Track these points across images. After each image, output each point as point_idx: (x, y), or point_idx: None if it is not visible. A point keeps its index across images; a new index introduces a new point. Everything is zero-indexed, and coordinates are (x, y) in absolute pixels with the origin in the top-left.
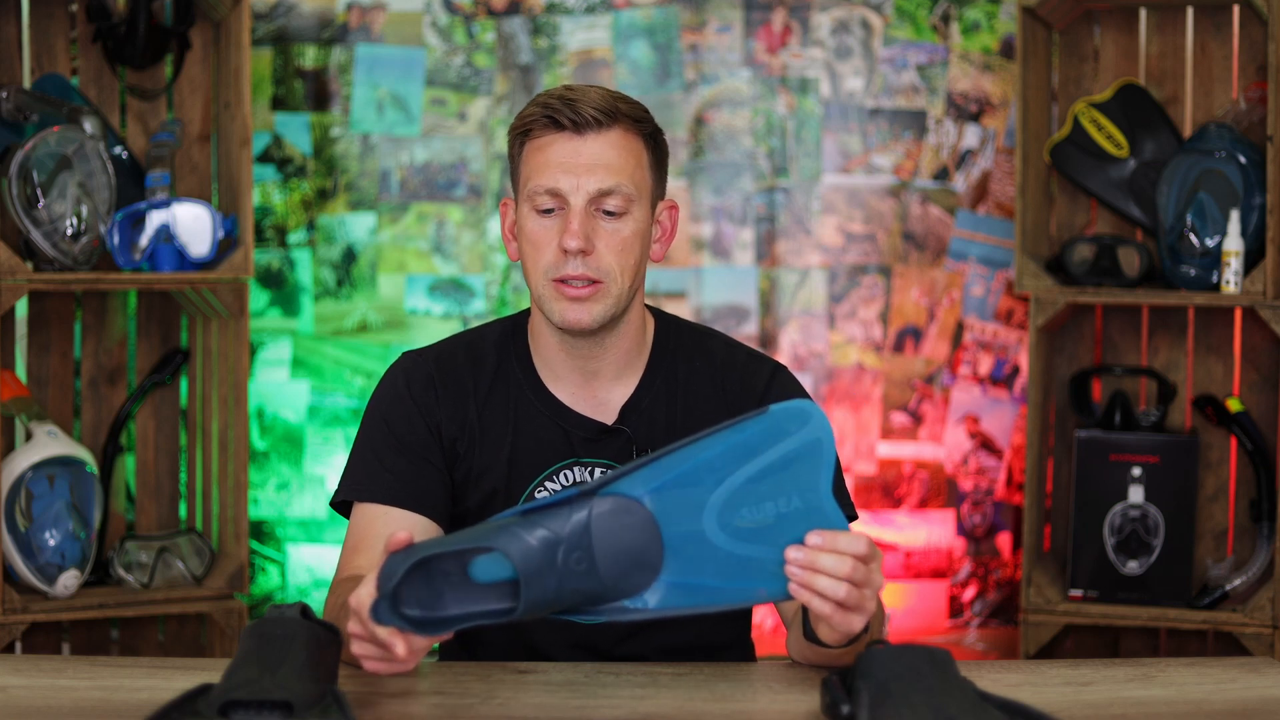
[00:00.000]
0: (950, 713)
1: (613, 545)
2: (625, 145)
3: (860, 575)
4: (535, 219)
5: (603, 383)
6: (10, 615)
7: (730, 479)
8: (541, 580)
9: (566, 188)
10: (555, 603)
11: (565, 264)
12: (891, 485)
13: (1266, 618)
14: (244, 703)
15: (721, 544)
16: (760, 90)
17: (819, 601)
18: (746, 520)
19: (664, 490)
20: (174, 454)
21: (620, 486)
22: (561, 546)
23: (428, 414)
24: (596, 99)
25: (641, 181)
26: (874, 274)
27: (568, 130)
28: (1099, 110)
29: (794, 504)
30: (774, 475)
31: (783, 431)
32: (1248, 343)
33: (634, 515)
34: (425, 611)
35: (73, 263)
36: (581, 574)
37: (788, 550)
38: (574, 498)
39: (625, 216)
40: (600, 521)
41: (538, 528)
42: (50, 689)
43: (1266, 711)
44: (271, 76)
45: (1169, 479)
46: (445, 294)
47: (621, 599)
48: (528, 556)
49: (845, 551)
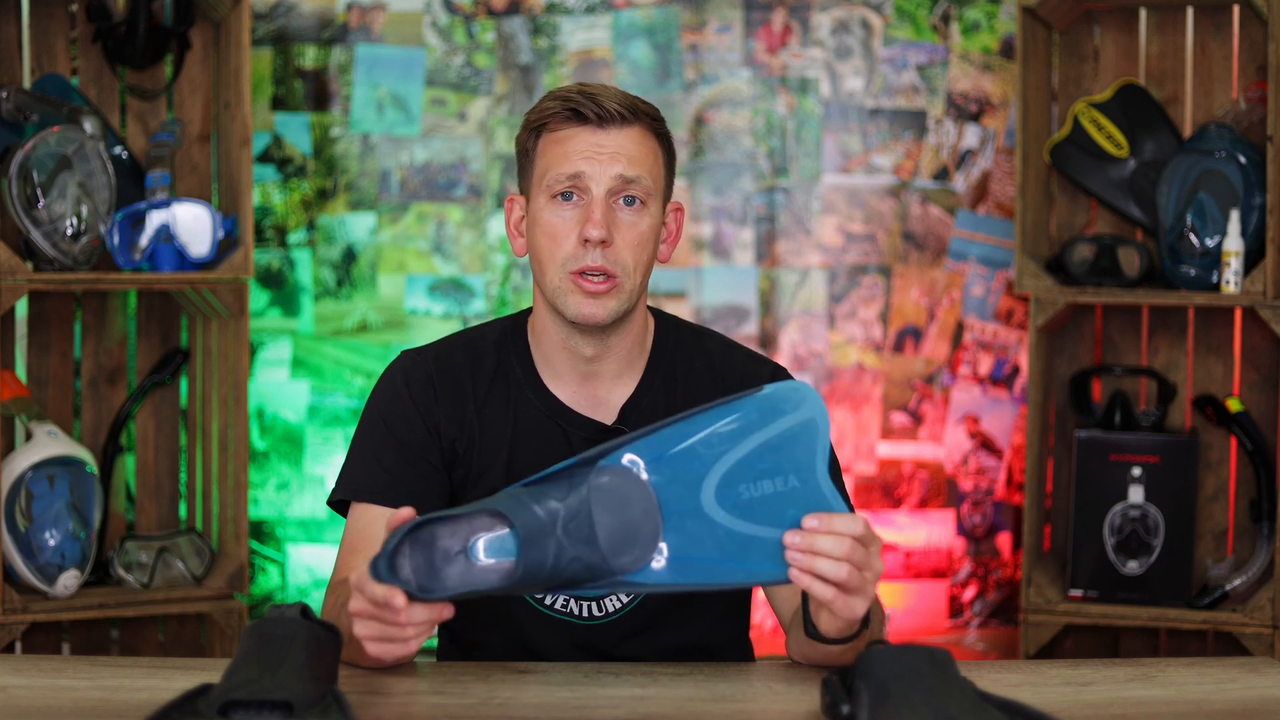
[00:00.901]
0: (950, 713)
1: (612, 515)
2: (644, 142)
3: (859, 556)
4: (553, 209)
5: (603, 382)
6: (10, 615)
7: (727, 455)
8: (541, 545)
9: (590, 173)
10: (554, 573)
11: (585, 255)
12: (891, 485)
13: (1266, 618)
14: (244, 703)
15: (720, 520)
16: (760, 90)
17: (820, 586)
18: (744, 497)
19: (663, 463)
20: (174, 454)
21: (619, 457)
22: (561, 514)
23: (426, 414)
24: (617, 95)
25: (658, 179)
26: (874, 274)
27: (591, 123)
28: (1099, 110)
29: (790, 483)
30: (770, 453)
31: (778, 410)
32: (1248, 343)
33: (633, 487)
34: (422, 583)
35: (73, 263)
36: (581, 542)
37: (786, 535)
38: (573, 467)
39: (644, 210)
40: (599, 491)
41: (541, 496)
42: (50, 689)
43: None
44: (271, 76)
45: (1169, 479)
46: (445, 294)
47: (621, 572)
48: (528, 521)
49: (843, 533)
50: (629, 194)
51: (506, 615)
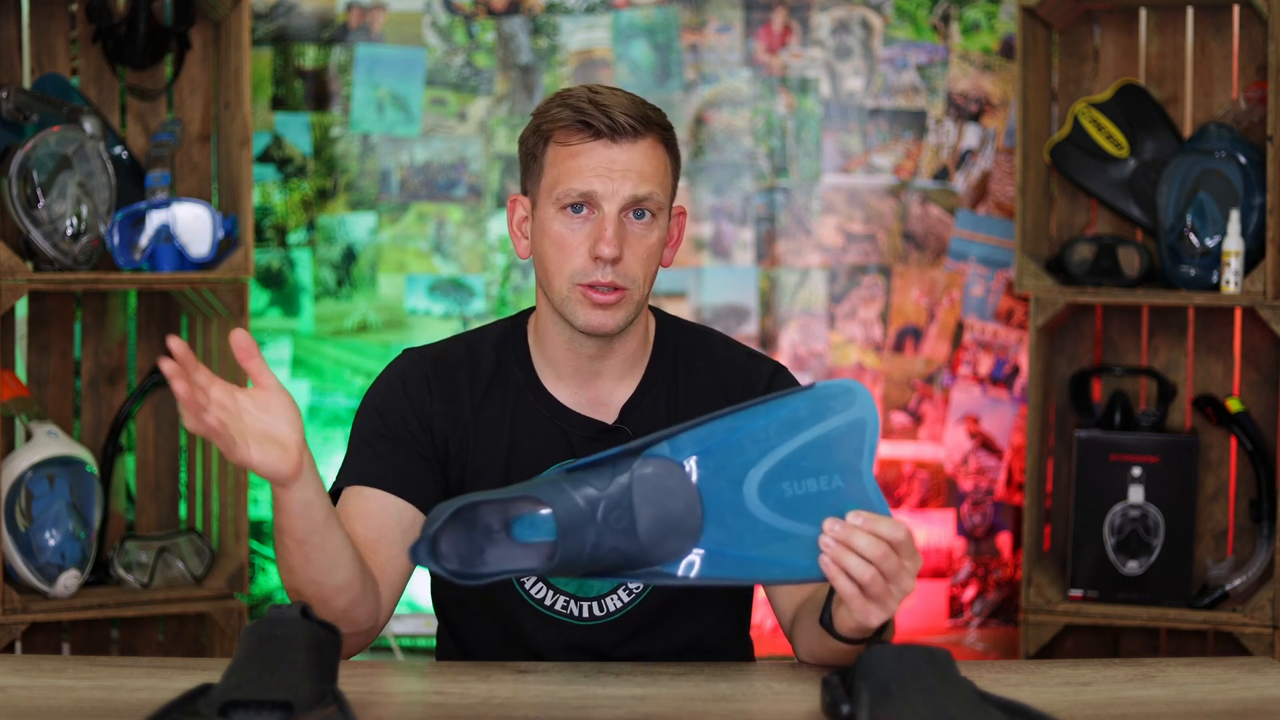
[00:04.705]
0: (950, 713)
1: (653, 507)
2: (655, 155)
3: (891, 565)
4: (563, 220)
5: (605, 383)
6: (10, 615)
7: (773, 452)
8: (580, 534)
9: (602, 192)
10: (592, 561)
11: (594, 271)
12: (891, 485)
13: (1266, 618)
14: (244, 703)
15: (761, 516)
16: (760, 90)
17: (844, 581)
18: (787, 495)
19: (707, 456)
20: (174, 454)
21: (664, 449)
22: (603, 503)
23: (420, 411)
24: (628, 106)
25: (667, 190)
26: (874, 274)
27: (604, 137)
28: (1099, 110)
29: (835, 483)
30: (817, 452)
31: (828, 409)
32: (1248, 343)
33: (676, 479)
34: (463, 565)
35: (73, 263)
36: (620, 532)
37: (825, 521)
38: (618, 456)
39: (653, 224)
40: (642, 482)
41: (582, 484)
42: (50, 689)
43: (1266, 711)
44: (271, 76)
45: (1169, 479)
46: (445, 294)
47: (659, 563)
48: (569, 509)
49: (883, 536)
50: (640, 210)
51: (506, 615)
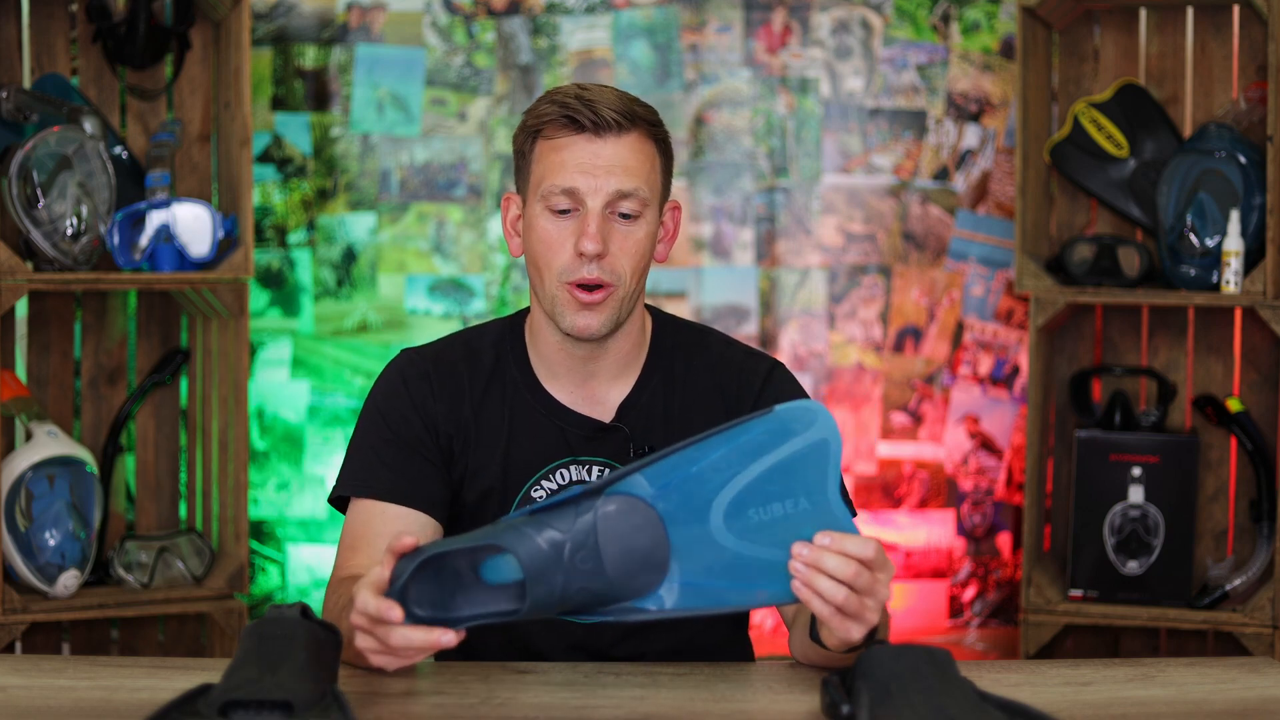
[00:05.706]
0: (950, 713)
1: (619, 545)
2: (641, 149)
3: (864, 582)
4: (549, 219)
5: (601, 382)
6: (10, 615)
7: (736, 479)
8: (548, 579)
9: (585, 189)
10: (562, 602)
11: (580, 268)
12: (891, 485)
13: (1266, 618)
14: (244, 703)
15: (729, 545)
16: (760, 90)
17: (819, 603)
18: (753, 521)
19: (670, 490)
20: (174, 454)
21: (626, 486)
22: (568, 545)
23: (424, 411)
24: (614, 101)
25: (654, 185)
26: (874, 274)
27: (587, 131)
28: (1099, 110)
29: (801, 505)
30: (781, 476)
31: (789, 431)
32: (1248, 343)
33: (640, 515)
34: (435, 611)
35: (73, 263)
36: (588, 573)
37: (794, 546)
38: (579, 496)
39: (639, 220)
40: (606, 521)
41: (544, 527)
42: (50, 689)
43: (1266, 711)
44: (271, 76)
45: (1169, 479)
46: (445, 294)
47: (629, 599)
48: (534, 555)
49: (852, 555)
50: (624, 208)
51: None
